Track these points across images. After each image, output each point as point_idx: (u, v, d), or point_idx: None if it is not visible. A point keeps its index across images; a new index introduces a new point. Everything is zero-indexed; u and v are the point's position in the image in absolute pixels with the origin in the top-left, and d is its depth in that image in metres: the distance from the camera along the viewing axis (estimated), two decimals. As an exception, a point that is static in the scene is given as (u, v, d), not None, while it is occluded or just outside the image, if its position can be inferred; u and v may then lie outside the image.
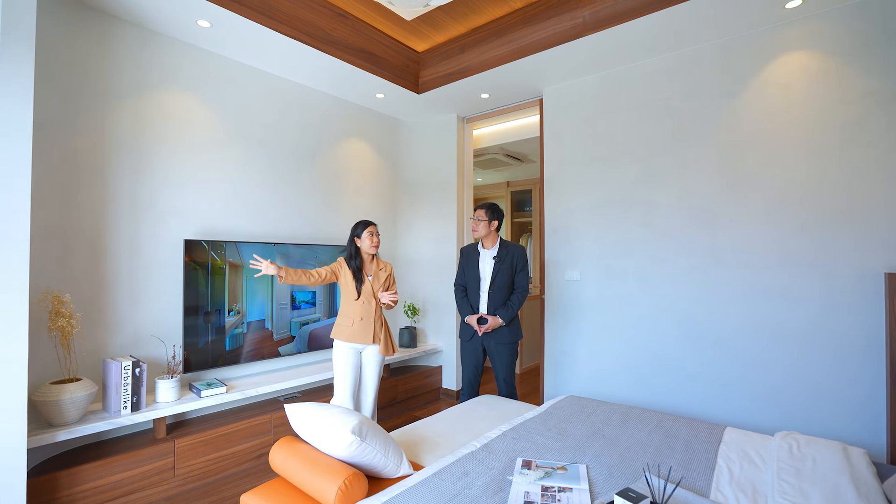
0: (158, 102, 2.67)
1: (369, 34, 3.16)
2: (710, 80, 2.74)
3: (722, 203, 2.70)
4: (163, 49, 2.68)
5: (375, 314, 2.62)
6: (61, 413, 2.05)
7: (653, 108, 2.96)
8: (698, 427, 2.10)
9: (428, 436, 2.13)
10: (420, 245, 4.28)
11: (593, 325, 3.21)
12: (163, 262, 2.65)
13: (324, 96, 3.61)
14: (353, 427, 1.54)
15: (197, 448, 2.44)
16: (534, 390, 4.23)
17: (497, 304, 2.75)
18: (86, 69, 2.40)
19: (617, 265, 3.10)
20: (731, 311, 2.66)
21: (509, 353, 2.78)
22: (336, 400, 2.56)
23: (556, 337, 3.40)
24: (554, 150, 3.46)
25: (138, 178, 2.58)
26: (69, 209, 2.33)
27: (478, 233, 2.80)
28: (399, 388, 3.70)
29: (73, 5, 2.36)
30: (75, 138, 2.36)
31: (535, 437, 1.99)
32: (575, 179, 3.33)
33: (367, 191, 4.00)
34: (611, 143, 3.15)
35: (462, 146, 4.21)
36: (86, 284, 2.38)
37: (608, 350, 3.13)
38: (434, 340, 4.24)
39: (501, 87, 3.51)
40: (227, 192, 2.98)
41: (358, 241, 2.59)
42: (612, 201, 3.14)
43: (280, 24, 2.69)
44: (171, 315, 2.67)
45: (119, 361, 2.24)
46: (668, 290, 2.88)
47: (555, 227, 3.43)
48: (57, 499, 2.02)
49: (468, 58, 3.29)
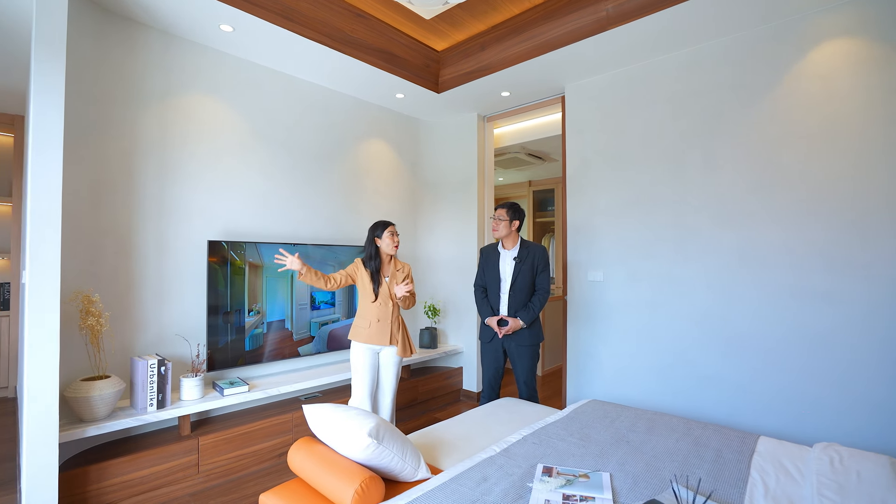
0: (183, 106, 2.73)
1: (389, 34, 3.16)
2: (743, 73, 2.62)
3: (755, 201, 2.57)
4: (187, 54, 2.74)
5: (393, 315, 2.61)
6: (91, 409, 2.12)
7: (680, 102, 2.86)
8: (729, 435, 2.00)
9: (447, 438, 2.10)
10: (441, 245, 4.26)
11: (617, 328, 3.12)
12: (188, 262, 2.71)
13: (344, 97, 3.63)
14: (369, 430, 1.53)
15: (220, 446, 2.48)
16: (556, 393, 4.15)
17: (518, 306, 2.70)
18: (115, 76, 2.47)
19: (642, 266, 3.01)
20: (765, 314, 2.53)
21: (530, 355, 2.72)
22: (353, 401, 2.56)
23: (579, 339, 3.32)
24: (576, 147, 3.38)
25: (165, 181, 2.64)
26: (100, 211, 2.40)
27: (498, 232, 2.76)
28: (419, 388, 3.68)
29: (104, 15, 2.43)
30: (106, 143, 2.43)
31: (556, 442, 1.94)
32: (598, 178, 3.24)
33: (387, 191, 4.00)
34: (635, 139, 3.06)
35: (483, 145, 4.17)
36: (115, 284, 2.45)
37: (633, 353, 3.04)
38: (455, 341, 4.21)
39: (522, 85, 3.45)
40: (250, 194, 3.03)
41: (378, 241, 2.58)
42: (636, 200, 3.04)
43: (300, 26, 2.71)
44: (196, 314, 2.72)
45: (146, 360, 2.30)
46: (696, 291, 2.77)
47: (577, 227, 3.36)
48: (87, 492, 2.08)
49: (488, 56, 3.25)
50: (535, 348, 2.74)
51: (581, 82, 3.35)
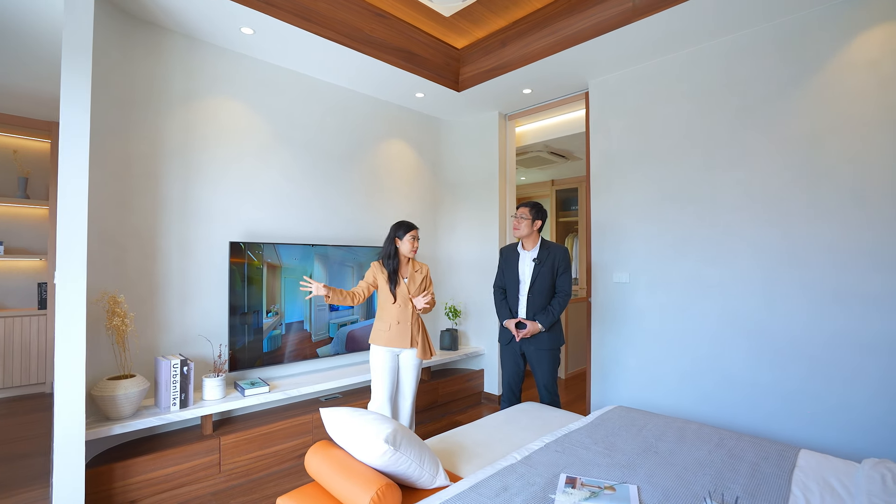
0: (206, 109, 2.76)
1: (408, 33, 3.13)
2: (783, 61, 2.48)
3: (794, 197, 2.43)
4: (210, 58, 2.78)
5: (412, 317, 2.57)
6: (116, 408, 2.15)
7: (714, 95, 2.72)
8: (767, 448, 1.88)
9: (466, 444, 2.04)
10: (462, 246, 4.21)
11: (645, 331, 3.00)
12: (210, 263, 2.74)
13: (364, 98, 3.62)
14: (386, 436, 1.49)
15: (241, 446, 2.50)
16: (579, 397, 4.04)
17: (537, 309, 2.63)
18: (140, 80, 2.52)
19: (672, 266, 2.88)
20: (806, 319, 2.38)
21: (550, 359, 2.64)
22: (373, 404, 2.53)
23: (604, 342, 3.22)
24: (601, 145, 3.27)
25: (188, 183, 2.68)
26: (125, 214, 2.45)
27: (519, 231, 2.69)
28: (439, 391, 3.64)
29: (131, 21, 2.48)
30: (131, 146, 2.48)
31: (580, 450, 1.86)
32: (624, 175, 3.13)
33: (407, 191, 3.97)
34: (664, 135, 2.93)
35: (504, 144, 4.10)
36: (140, 285, 2.49)
37: (661, 358, 2.92)
38: (476, 343, 4.15)
39: (544, 82, 3.37)
40: (271, 195, 3.05)
41: (398, 241, 2.55)
42: (665, 197, 2.92)
43: (319, 27, 2.70)
44: (218, 315, 2.75)
45: (169, 360, 2.33)
46: (731, 293, 2.64)
47: (602, 227, 3.25)
48: (113, 488, 2.11)
49: (509, 52, 3.18)
50: (554, 352, 2.66)
51: (605, 77, 3.24)
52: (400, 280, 2.56)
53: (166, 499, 2.26)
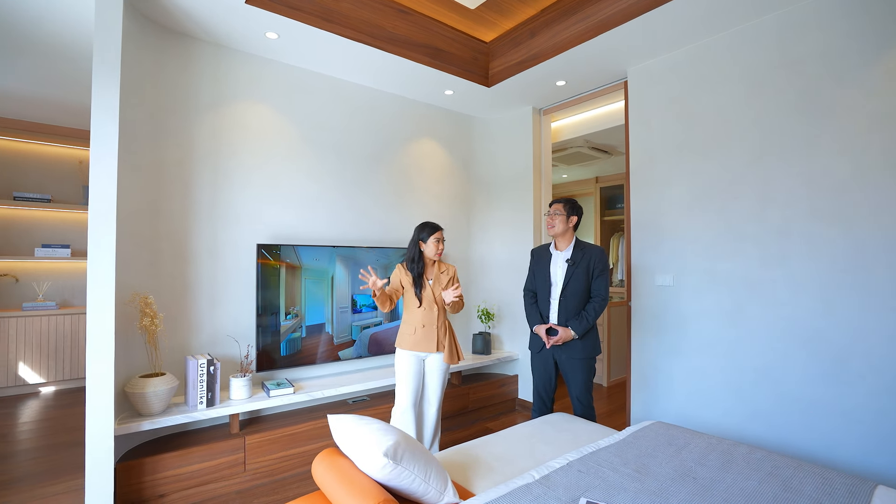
0: (234, 114, 2.83)
1: (433, 29, 3.05)
2: (850, 35, 2.16)
3: (859, 191, 2.10)
4: (237, 64, 2.84)
5: (439, 320, 2.49)
6: (146, 404, 2.23)
7: (768, 77, 2.43)
8: (832, 480, 1.61)
9: (483, 457, 1.93)
10: (495, 246, 4.08)
11: (690, 339, 2.73)
12: (238, 265, 2.80)
13: (391, 97, 3.59)
14: (385, 448, 1.41)
15: (265, 446, 2.52)
16: (619, 408, 3.78)
17: (570, 314, 2.45)
18: (172, 89, 2.61)
19: (720, 268, 2.60)
20: (874, 328, 2.05)
21: (583, 369, 2.45)
22: (397, 409, 2.47)
23: (645, 350, 2.97)
24: (641, 137, 3.03)
25: (217, 187, 2.75)
26: (158, 218, 2.55)
27: (554, 229, 2.52)
28: (470, 396, 3.53)
29: (162, 32, 2.58)
30: (163, 153, 2.58)
31: (606, 471, 1.69)
32: (666, 169, 2.87)
33: (437, 191, 3.90)
34: (710, 124, 2.66)
35: (539, 140, 3.92)
36: (172, 286, 2.59)
37: (710, 369, 2.64)
38: (510, 347, 4.00)
39: (579, 72, 3.17)
40: (299, 197, 3.08)
41: (422, 244, 2.48)
42: (713, 192, 2.64)
43: (341, 27, 2.69)
44: (246, 316, 2.80)
45: (196, 359, 2.39)
46: (787, 299, 2.33)
47: (643, 226, 3.01)
48: (143, 482, 2.19)
49: (539, 42, 3.02)
50: (589, 361, 2.47)
51: (645, 64, 3.00)
52: (425, 283, 2.48)
53: (193, 495, 2.31)
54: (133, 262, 2.40)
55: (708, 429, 2.62)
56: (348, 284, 3.12)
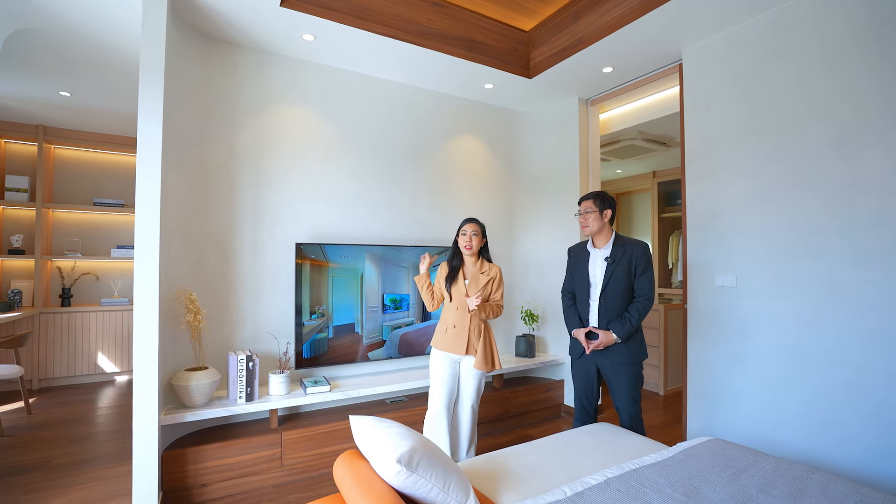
0: (275, 117, 2.90)
1: (469, 20, 2.96)
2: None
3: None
4: (277, 68, 2.91)
5: (472, 322, 2.39)
6: (189, 396, 2.33)
7: (854, 42, 2.10)
8: (935, 522, 1.33)
9: (514, 467, 1.81)
10: (540, 245, 3.91)
11: (757, 347, 2.43)
12: (279, 264, 2.87)
13: (428, 93, 3.53)
14: (400, 455, 1.34)
15: (301, 442, 2.55)
16: (675, 420, 3.47)
17: (611, 316, 2.26)
18: (216, 95, 2.73)
19: (795, 267, 2.29)
20: None
21: (629, 376, 2.25)
22: (429, 412, 2.41)
23: (704, 358, 2.69)
24: (698, 122, 2.76)
25: (259, 188, 2.84)
26: (204, 219, 2.67)
27: (589, 228, 2.36)
28: (512, 401, 3.39)
29: (207, 41, 2.70)
30: (209, 156, 2.69)
31: (649, 493, 1.51)
32: (728, 157, 2.58)
33: (479, 188, 3.80)
34: (785, 103, 2.35)
35: (586, 133, 3.71)
36: (217, 284, 2.69)
37: (781, 381, 2.33)
38: (555, 351, 3.81)
39: (627, 56, 2.94)
40: (338, 197, 3.11)
41: (458, 239, 2.44)
42: (786, 180, 2.33)
43: (375, 24, 2.67)
44: (285, 314, 2.86)
45: (236, 355, 2.46)
46: (876, 301, 2.00)
47: (701, 220, 2.73)
48: (187, 471, 2.29)
49: (582, 26, 2.83)
50: (634, 367, 2.26)
51: (703, 42, 2.72)
52: (459, 279, 2.40)
53: (231, 486, 2.38)
54: (180, 260, 2.52)
55: (777, 450, 2.31)
56: (381, 283, 3.10)
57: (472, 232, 2.40)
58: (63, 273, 4.49)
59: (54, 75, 3.25)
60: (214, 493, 2.34)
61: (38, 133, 4.31)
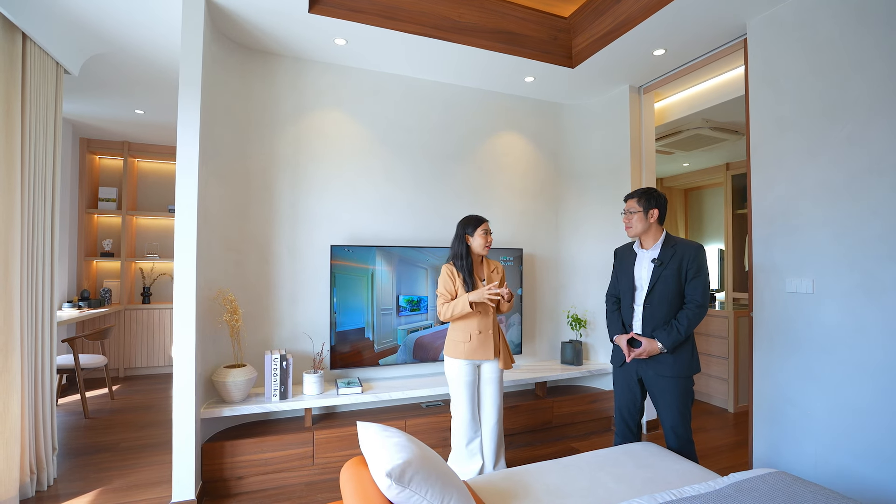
0: (311, 122, 2.97)
1: (503, 11, 2.83)
2: None
3: None
4: (312, 74, 2.98)
5: (494, 325, 2.29)
6: (227, 392, 2.44)
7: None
8: None
9: (533, 487, 1.67)
10: (587, 246, 3.67)
11: (837, 363, 2.06)
12: (315, 266, 2.93)
13: (466, 90, 3.44)
14: (390, 468, 1.27)
15: (333, 442, 2.58)
16: (744, 442, 3.06)
17: (657, 323, 2.03)
18: (256, 103, 2.84)
19: (883, 270, 1.91)
20: None
21: (675, 390, 2.00)
22: (456, 422, 2.31)
23: (772, 374, 2.34)
24: (766, 104, 2.41)
25: (297, 192, 2.92)
26: (245, 223, 2.79)
27: (632, 230, 2.15)
28: (555, 410, 3.20)
29: (244, 52, 2.82)
30: (249, 163, 2.81)
31: (682, 531, 1.31)
32: (804, 141, 2.23)
33: (521, 187, 3.64)
34: (865, 77, 1.97)
35: (638, 123, 3.42)
36: (257, 285, 2.80)
37: (867, 406, 1.95)
38: (605, 359, 3.55)
39: (681, 34, 2.65)
40: (375, 199, 3.12)
41: (469, 239, 2.30)
42: (873, 170, 1.95)
43: (404, 23, 2.64)
44: (321, 315, 2.92)
45: (272, 353, 2.54)
46: None
47: (769, 217, 2.38)
48: (224, 463, 2.39)
49: (626, 5, 2.60)
50: (683, 382, 2.01)
51: (773, 10, 2.37)
52: (477, 282, 2.29)
53: (265, 481, 2.46)
54: (221, 262, 2.65)
55: (857, 486, 1.94)
56: (395, 285, 3.03)
57: (490, 230, 2.32)
58: (144, 273, 4.97)
59: (128, 95, 3.60)
60: (249, 485, 2.43)
61: (123, 149, 4.82)
